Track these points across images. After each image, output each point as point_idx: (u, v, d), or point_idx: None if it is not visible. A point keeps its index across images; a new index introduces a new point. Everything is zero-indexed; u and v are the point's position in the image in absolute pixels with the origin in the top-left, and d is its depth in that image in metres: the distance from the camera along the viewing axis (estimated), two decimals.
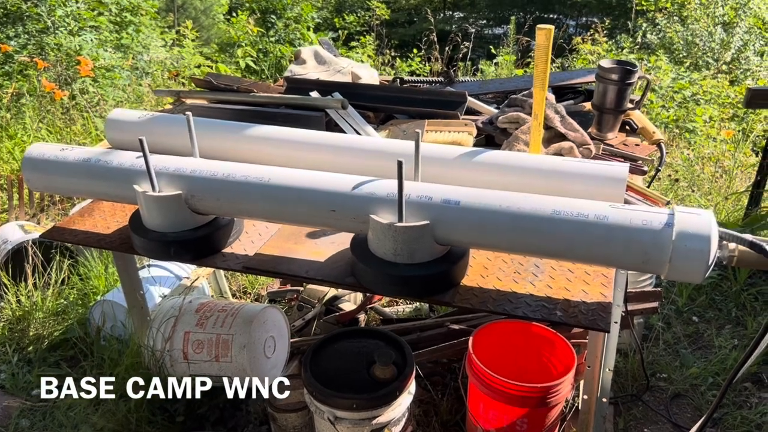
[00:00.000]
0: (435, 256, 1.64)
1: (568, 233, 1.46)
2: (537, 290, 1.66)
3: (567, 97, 2.78)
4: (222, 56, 7.52)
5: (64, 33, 6.19)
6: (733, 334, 3.18)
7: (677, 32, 7.93)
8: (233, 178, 1.73)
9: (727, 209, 4.15)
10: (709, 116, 5.72)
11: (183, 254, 1.84)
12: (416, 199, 1.59)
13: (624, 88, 2.30)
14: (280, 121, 2.31)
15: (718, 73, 6.93)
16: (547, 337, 2.46)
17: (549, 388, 2.19)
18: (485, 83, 3.02)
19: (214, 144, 2.13)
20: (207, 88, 2.81)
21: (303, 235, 1.99)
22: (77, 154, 1.89)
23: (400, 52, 8.52)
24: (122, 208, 2.19)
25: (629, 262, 1.46)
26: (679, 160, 4.99)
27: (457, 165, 1.91)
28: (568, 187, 1.77)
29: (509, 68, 7.38)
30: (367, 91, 2.65)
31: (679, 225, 1.39)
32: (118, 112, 2.33)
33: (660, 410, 2.76)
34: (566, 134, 2.17)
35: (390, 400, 2.16)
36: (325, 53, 3.01)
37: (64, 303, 3.34)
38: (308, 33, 7.70)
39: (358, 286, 1.74)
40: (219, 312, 2.68)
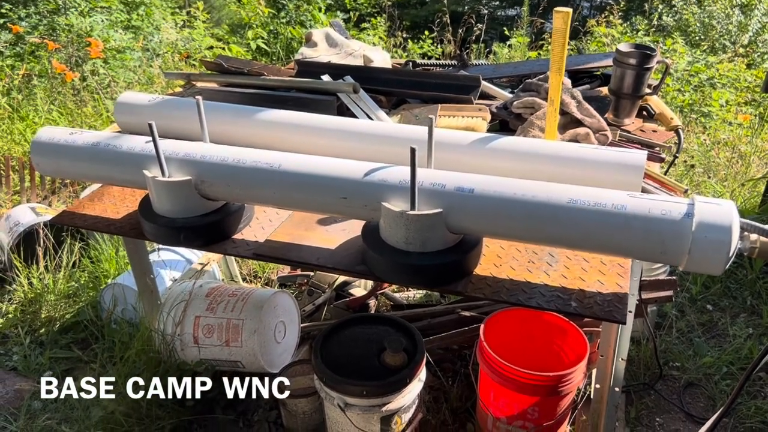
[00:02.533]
0: (448, 244, 1.61)
1: (585, 223, 1.43)
2: (551, 280, 1.63)
3: (583, 81, 2.73)
4: (233, 38, 7.46)
5: (75, 14, 6.16)
6: (748, 323, 3.14)
7: (694, 14, 7.78)
8: (243, 163, 1.70)
9: (743, 195, 4.08)
10: (726, 100, 5.62)
11: (193, 240, 1.82)
12: (429, 187, 1.56)
13: (642, 73, 2.25)
14: (290, 105, 2.29)
15: (735, 56, 6.80)
16: (559, 325, 2.43)
17: (561, 377, 2.17)
18: (499, 67, 2.97)
19: (224, 128, 2.11)
20: (217, 71, 2.78)
21: (314, 221, 1.96)
22: (86, 139, 1.87)
23: (412, 34, 8.41)
24: (132, 193, 2.17)
25: (647, 252, 1.43)
26: (695, 145, 4.91)
27: (470, 151, 1.87)
28: (584, 175, 1.74)
29: (523, 50, 7.28)
30: (379, 74, 2.61)
31: (700, 215, 1.35)
32: (128, 95, 2.30)
33: (672, 399, 2.74)
34: (582, 120, 2.13)
35: (400, 387, 2.15)
36: (336, 35, 2.96)
37: (75, 286, 3.35)
38: (319, 14, 7.61)
39: (369, 275, 1.71)
40: (229, 297, 2.68)
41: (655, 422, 2.64)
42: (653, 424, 2.63)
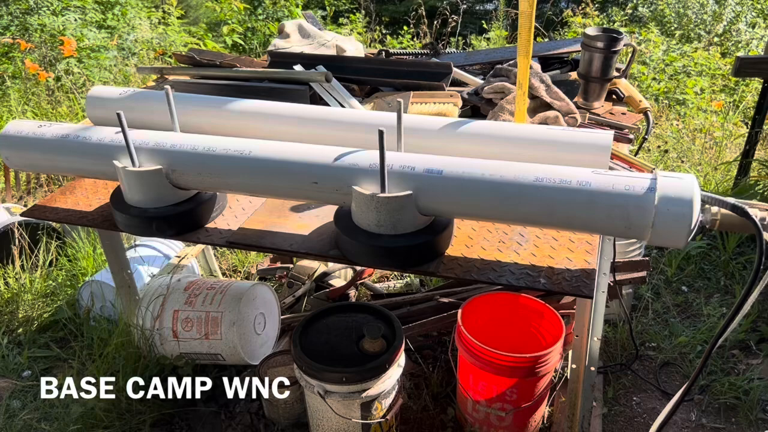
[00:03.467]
0: (419, 226, 1.63)
1: (551, 200, 1.45)
2: (521, 258, 1.66)
3: (554, 66, 2.76)
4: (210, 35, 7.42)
5: (47, 13, 6.09)
6: (721, 303, 3.20)
7: (669, 4, 7.87)
8: (214, 151, 1.70)
9: (717, 179, 4.15)
10: (701, 88, 5.70)
11: (165, 230, 1.82)
12: (399, 170, 1.57)
13: (610, 56, 2.28)
14: (263, 96, 2.29)
15: (709, 45, 6.89)
16: (535, 308, 2.47)
17: (537, 358, 2.20)
18: (471, 54, 2.99)
19: (196, 119, 2.11)
20: (190, 64, 2.77)
21: (287, 209, 1.97)
22: (55, 131, 1.86)
23: (391, 29, 8.43)
24: (104, 185, 2.16)
25: (612, 227, 1.45)
26: (669, 131, 4.97)
27: (442, 136, 1.89)
28: (553, 156, 1.76)
29: (501, 43, 7.32)
30: (352, 63, 2.62)
31: (662, 189, 1.38)
32: (99, 89, 2.29)
33: (649, 379, 2.79)
34: (552, 103, 2.16)
35: (379, 373, 2.16)
36: (309, 26, 2.96)
37: (53, 284, 3.33)
38: (296, 10, 7.59)
39: (342, 259, 1.73)
40: (208, 290, 2.67)
41: (633, 401, 2.68)
42: (630, 403, 2.67)
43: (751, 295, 1.50)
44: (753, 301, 1.53)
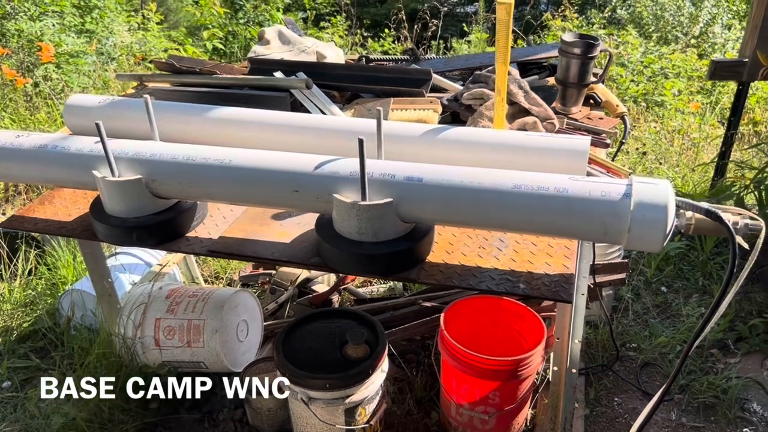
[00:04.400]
0: (399, 233, 1.64)
1: (529, 206, 1.47)
2: (501, 264, 1.67)
3: (532, 72, 2.79)
4: (189, 39, 7.38)
5: (24, 18, 6.02)
6: (700, 303, 3.25)
7: (646, 7, 7.97)
8: (193, 160, 1.70)
9: (694, 180, 4.21)
10: (678, 89, 5.78)
11: (146, 239, 1.81)
12: (379, 177, 1.58)
13: (586, 62, 2.31)
14: (243, 103, 2.29)
15: (686, 47, 7.00)
16: (517, 312, 2.49)
17: (519, 361, 2.22)
18: (451, 60, 3.01)
19: (176, 127, 2.10)
20: (169, 71, 2.76)
21: (268, 217, 1.97)
22: (33, 141, 1.84)
23: (373, 33, 8.44)
24: (84, 195, 2.15)
25: (590, 233, 1.48)
26: (648, 133, 5.04)
27: (422, 142, 1.90)
28: (531, 162, 1.78)
29: (482, 46, 7.36)
30: (332, 70, 2.63)
31: (637, 195, 1.40)
32: (77, 98, 2.27)
33: (630, 379, 2.82)
34: (530, 109, 2.18)
35: (363, 378, 2.17)
36: (289, 33, 2.97)
37: (33, 294, 3.29)
38: (277, 14, 7.58)
39: (324, 266, 1.73)
40: (190, 297, 2.66)
41: (614, 402, 2.71)
42: (612, 403, 2.70)
43: (727, 296, 1.53)
44: (729, 302, 1.56)
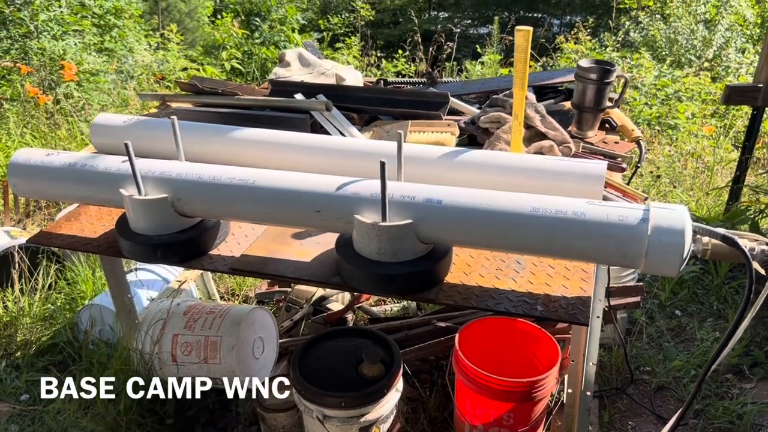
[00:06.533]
0: (418, 254, 1.67)
1: (547, 230, 1.50)
2: (518, 286, 1.70)
3: (548, 96, 2.82)
4: (207, 59, 7.52)
5: (48, 37, 6.16)
6: (714, 327, 3.24)
7: (660, 30, 8.02)
8: (219, 180, 1.74)
9: (708, 204, 4.21)
10: (692, 113, 5.80)
11: (170, 257, 1.85)
12: (399, 199, 1.62)
13: (603, 87, 2.34)
14: (265, 124, 2.34)
15: (700, 71, 7.02)
16: (531, 333, 2.50)
17: (534, 383, 2.22)
18: (467, 83, 3.06)
19: (199, 147, 2.15)
20: (192, 92, 2.83)
21: (288, 236, 2.01)
22: (63, 159, 1.90)
23: (386, 53, 8.55)
24: (109, 212, 2.20)
25: (607, 256, 1.50)
26: (661, 156, 5.05)
27: (440, 165, 1.94)
28: (548, 185, 1.81)
29: (495, 68, 7.43)
30: (352, 92, 2.68)
31: (654, 220, 1.43)
32: (104, 117, 2.34)
33: (644, 403, 2.81)
34: (546, 133, 2.21)
35: (378, 397, 2.19)
36: (309, 56, 3.03)
37: (52, 308, 3.34)
38: (293, 35, 7.71)
39: (343, 286, 1.76)
40: (207, 314, 2.70)
41: (628, 425, 2.70)
42: (626, 427, 2.69)
43: (743, 322, 1.54)
44: (745, 327, 1.57)
